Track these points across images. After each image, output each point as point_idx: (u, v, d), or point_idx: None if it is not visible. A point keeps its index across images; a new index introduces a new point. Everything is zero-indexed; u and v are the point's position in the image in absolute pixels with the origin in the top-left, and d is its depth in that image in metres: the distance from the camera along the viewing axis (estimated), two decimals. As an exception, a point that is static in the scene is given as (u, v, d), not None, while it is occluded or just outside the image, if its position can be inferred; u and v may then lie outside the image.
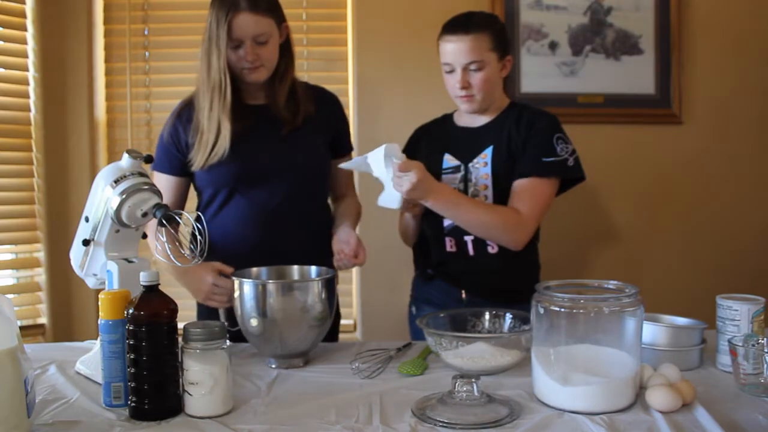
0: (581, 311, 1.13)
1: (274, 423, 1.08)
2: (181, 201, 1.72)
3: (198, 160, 1.61)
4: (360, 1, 2.48)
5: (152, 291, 1.11)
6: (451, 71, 1.63)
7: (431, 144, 1.75)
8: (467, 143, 1.70)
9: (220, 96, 1.57)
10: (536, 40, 2.44)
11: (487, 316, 1.49)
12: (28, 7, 2.37)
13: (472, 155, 1.68)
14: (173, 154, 1.66)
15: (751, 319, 1.29)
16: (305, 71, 2.53)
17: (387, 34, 2.47)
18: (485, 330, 1.47)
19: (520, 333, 1.31)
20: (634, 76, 2.49)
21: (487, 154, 1.66)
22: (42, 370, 1.35)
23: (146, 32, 2.50)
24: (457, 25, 1.62)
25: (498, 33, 1.63)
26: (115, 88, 2.50)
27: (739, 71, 2.51)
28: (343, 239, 1.57)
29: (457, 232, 1.65)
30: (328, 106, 1.74)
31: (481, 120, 1.72)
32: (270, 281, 1.42)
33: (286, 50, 1.66)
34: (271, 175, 1.62)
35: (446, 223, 1.66)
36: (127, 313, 1.10)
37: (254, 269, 1.49)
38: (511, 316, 1.45)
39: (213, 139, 1.59)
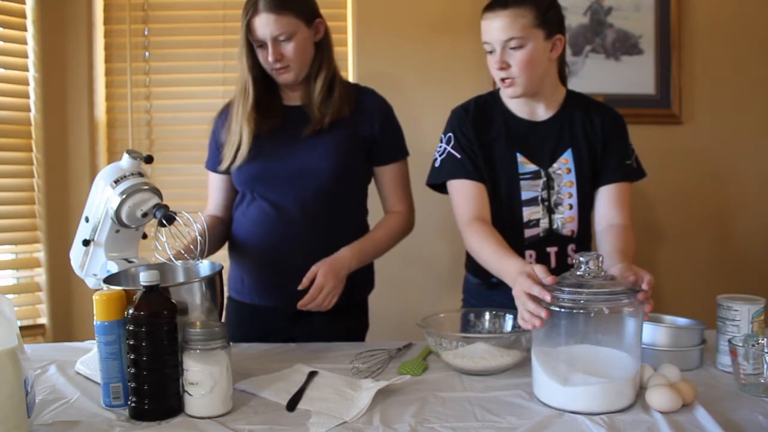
0: (581, 311, 1.13)
1: (274, 423, 1.08)
2: (232, 198, 1.70)
3: (225, 160, 1.62)
4: (360, 1, 2.48)
5: (152, 291, 1.11)
6: (491, 51, 1.47)
7: (496, 135, 1.56)
8: (538, 143, 1.56)
9: (245, 98, 1.58)
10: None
11: (487, 316, 1.49)
12: (28, 7, 2.37)
13: (549, 159, 1.55)
14: (215, 153, 1.68)
15: (751, 319, 1.29)
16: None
17: (387, 34, 2.47)
18: (485, 330, 1.47)
19: (520, 333, 1.31)
20: (634, 76, 2.48)
21: (567, 159, 1.55)
22: (42, 370, 1.35)
23: (146, 32, 2.50)
24: (496, 1, 1.47)
25: (544, 8, 1.46)
26: (115, 88, 2.50)
27: (739, 71, 2.51)
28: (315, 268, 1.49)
29: (540, 244, 1.55)
30: (369, 109, 1.65)
31: (541, 112, 1.57)
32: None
33: (322, 47, 1.61)
34: (287, 177, 1.59)
35: (527, 234, 1.55)
36: (127, 314, 1.10)
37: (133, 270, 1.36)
38: (511, 316, 1.45)
39: (237, 140, 1.59)
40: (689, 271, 2.53)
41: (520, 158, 1.55)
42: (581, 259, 1.17)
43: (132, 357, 1.09)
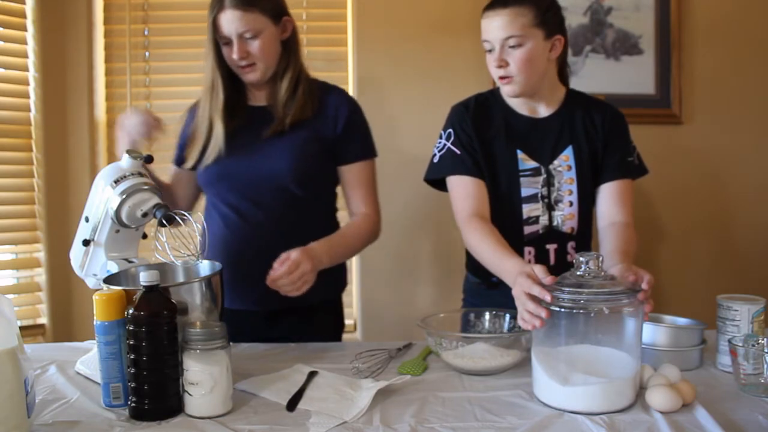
0: (581, 311, 1.13)
1: (274, 423, 1.08)
2: (193, 195, 1.69)
3: (190, 158, 1.60)
4: (360, 1, 2.48)
5: (152, 291, 1.11)
6: (491, 50, 1.48)
7: (496, 132, 1.56)
8: (539, 139, 1.56)
9: (213, 95, 1.56)
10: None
11: (487, 316, 1.49)
12: (28, 7, 2.37)
13: (550, 156, 1.55)
14: (180, 147, 1.67)
15: (751, 319, 1.29)
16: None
17: (387, 34, 2.47)
18: (485, 330, 1.47)
19: (520, 333, 1.31)
20: (634, 76, 2.48)
21: (568, 155, 1.55)
22: (42, 370, 1.35)
23: (146, 32, 2.50)
24: (497, 0, 1.49)
25: (544, 8, 1.47)
26: (115, 88, 2.50)
27: (739, 71, 2.51)
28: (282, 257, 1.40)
29: (539, 241, 1.55)
30: (333, 109, 1.60)
31: (542, 110, 1.58)
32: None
33: (289, 46, 1.59)
34: (248, 179, 1.56)
35: (527, 231, 1.55)
36: (127, 314, 1.10)
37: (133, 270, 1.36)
38: (510, 316, 1.45)
39: (203, 139, 1.57)
40: (689, 271, 2.53)
41: (520, 155, 1.55)
42: (581, 259, 1.17)
43: (132, 357, 1.09)
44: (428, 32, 2.45)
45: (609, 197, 1.55)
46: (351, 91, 2.53)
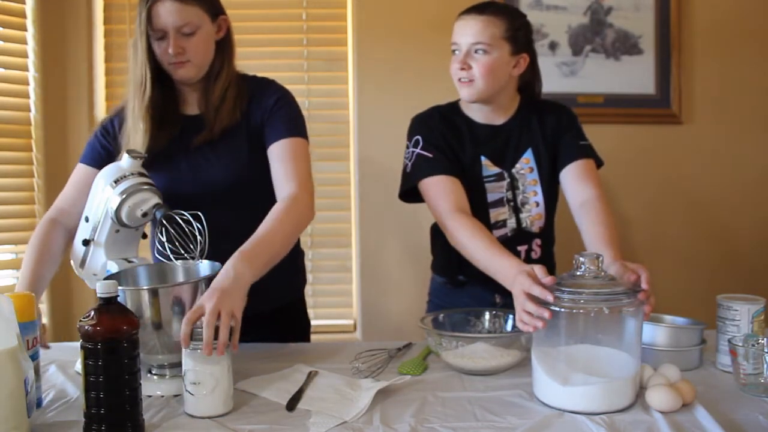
0: (581, 311, 1.13)
1: (274, 423, 1.08)
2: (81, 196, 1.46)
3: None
4: (360, 1, 2.48)
5: (110, 303, 1.03)
6: (456, 51, 1.53)
7: (462, 140, 1.59)
8: (500, 145, 1.59)
9: (141, 93, 1.42)
10: (536, 40, 2.43)
11: (487, 316, 1.49)
12: (28, 7, 2.37)
13: (511, 160, 1.59)
14: (97, 149, 1.51)
15: (751, 319, 1.29)
16: (305, 71, 2.54)
17: (387, 34, 2.47)
18: (485, 330, 1.47)
19: (520, 333, 1.31)
20: (634, 76, 2.49)
21: (529, 158, 1.59)
22: (42, 370, 1.35)
23: (146, 32, 2.50)
24: (473, 7, 1.53)
25: (516, 25, 1.52)
26: (115, 88, 2.50)
27: (739, 71, 2.51)
28: None
29: (509, 244, 1.51)
30: (261, 102, 1.50)
31: (499, 117, 1.61)
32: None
33: (223, 47, 1.49)
34: (174, 194, 1.42)
35: (496, 234, 1.55)
36: (82, 328, 1.00)
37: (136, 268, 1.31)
38: (511, 315, 1.45)
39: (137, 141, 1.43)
40: (689, 271, 2.53)
41: (484, 161, 1.58)
42: (581, 259, 1.17)
43: (88, 378, 1.00)
44: (428, 32, 2.45)
45: (572, 177, 1.56)
46: (351, 91, 2.53)
